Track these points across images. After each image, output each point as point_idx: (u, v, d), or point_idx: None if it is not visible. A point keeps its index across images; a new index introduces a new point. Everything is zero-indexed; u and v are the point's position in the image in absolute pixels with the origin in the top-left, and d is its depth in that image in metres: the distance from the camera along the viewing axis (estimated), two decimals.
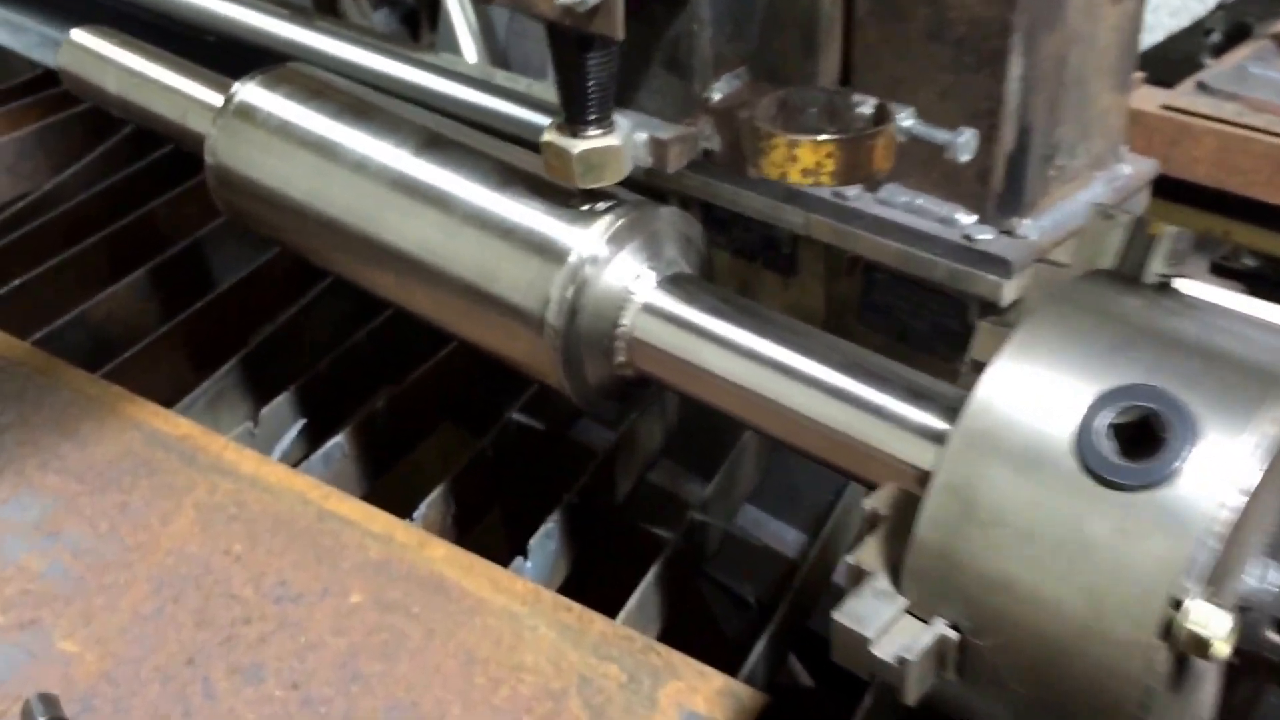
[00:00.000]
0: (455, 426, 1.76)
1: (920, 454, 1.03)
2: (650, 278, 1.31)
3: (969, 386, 0.91)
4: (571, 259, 1.27)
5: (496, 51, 2.15)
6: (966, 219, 1.30)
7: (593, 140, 1.26)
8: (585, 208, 1.31)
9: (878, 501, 1.05)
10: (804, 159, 1.20)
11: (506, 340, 1.36)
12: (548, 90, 1.54)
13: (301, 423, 1.60)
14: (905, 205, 1.33)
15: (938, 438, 1.03)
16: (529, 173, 1.31)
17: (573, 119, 1.26)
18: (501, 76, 1.62)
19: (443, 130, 1.49)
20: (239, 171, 1.57)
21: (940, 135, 1.24)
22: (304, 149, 1.49)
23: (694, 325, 1.27)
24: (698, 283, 1.32)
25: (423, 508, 1.40)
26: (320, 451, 1.48)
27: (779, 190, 1.40)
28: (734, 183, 1.40)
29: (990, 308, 1.26)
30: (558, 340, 1.28)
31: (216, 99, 1.62)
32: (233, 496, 1.29)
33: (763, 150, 1.19)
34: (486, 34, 2.16)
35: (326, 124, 1.45)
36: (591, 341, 1.30)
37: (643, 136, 1.35)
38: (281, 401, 1.57)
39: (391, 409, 1.55)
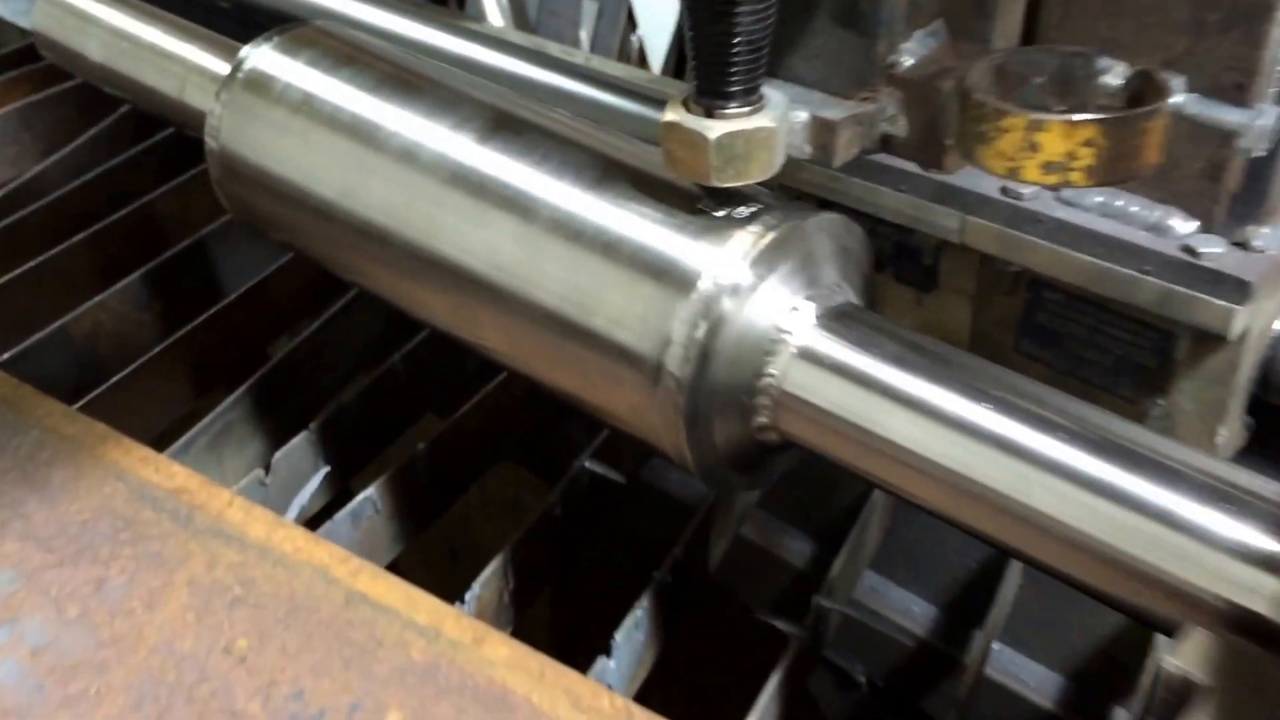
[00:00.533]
0: (514, 466, 1.50)
1: (1242, 587, 0.75)
2: (807, 312, 0.95)
3: None
4: (703, 286, 0.94)
5: (527, 29, 1.96)
6: (1185, 226, 1.07)
7: (737, 120, 0.91)
8: (720, 214, 0.94)
9: (1189, 661, 0.69)
10: (1049, 148, 0.84)
11: (605, 391, 1.02)
12: (619, 69, 1.34)
13: (324, 471, 1.36)
14: (1100, 208, 1.09)
15: (1272, 564, 0.68)
16: (637, 167, 1.04)
17: (709, 91, 0.90)
18: (556, 48, 1.43)
19: (516, 109, 1.12)
20: (249, 159, 1.24)
21: (1230, 116, 0.86)
22: (333, 131, 1.18)
23: (872, 380, 0.93)
24: (870, 318, 0.97)
25: (476, 587, 1.17)
26: (348, 508, 1.24)
27: (927, 185, 1.16)
28: (863, 173, 1.15)
29: (1207, 339, 1.05)
30: (680, 395, 0.95)
31: (222, 67, 1.28)
32: (237, 572, 1.06)
33: (985, 136, 0.83)
34: (517, 11, 1.95)
35: (363, 99, 1.18)
36: (726, 397, 0.97)
37: (801, 116, 0.98)
38: (300, 443, 1.33)
39: (435, 454, 1.31)
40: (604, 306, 0.99)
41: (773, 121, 0.93)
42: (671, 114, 0.95)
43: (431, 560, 1.54)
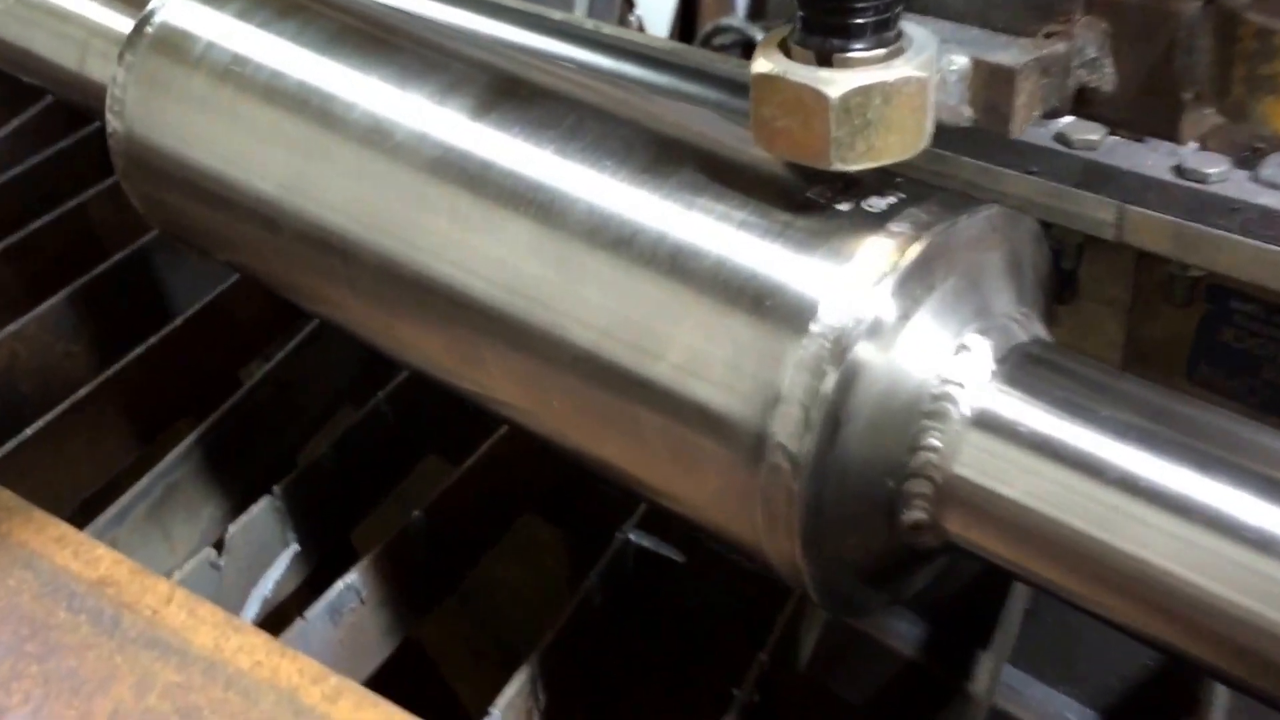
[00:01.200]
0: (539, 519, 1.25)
1: None
2: (981, 354, 0.67)
3: None
4: (826, 319, 0.65)
5: None
6: None
7: (869, 69, 0.62)
8: (844, 207, 0.63)
9: None
10: None
11: (674, 470, 0.73)
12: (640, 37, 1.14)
13: (293, 550, 1.13)
14: None
15: None
16: (710, 144, 0.75)
17: (824, 24, 0.60)
18: (558, 14, 1.19)
19: (526, 70, 0.83)
20: (161, 145, 0.96)
21: None
22: (271, 104, 0.90)
23: (1092, 460, 0.64)
24: (1071, 360, 0.69)
25: (496, 712, 0.94)
26: (325, 601, 1.01)
27: (1069, 165, 0.95)
28: (976, 149, 0.93)
29: None
30: (795, 479, 0.65)
31: (124, 24, 0.94)
32: (177, 697, 0.86)
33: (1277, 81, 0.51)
34: None
35: (313, 60, 0.89)
36: (863, 482, 0.68)
37: (959, 62, 0.65)
38: (263, 510, 1.11)
39: (436, 521, 1.08)
40: (671, 347, 0.69)
41: (921, 70, 0.62)
42: (766, 62, 0.64)
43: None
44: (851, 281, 0.65)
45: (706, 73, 1.12)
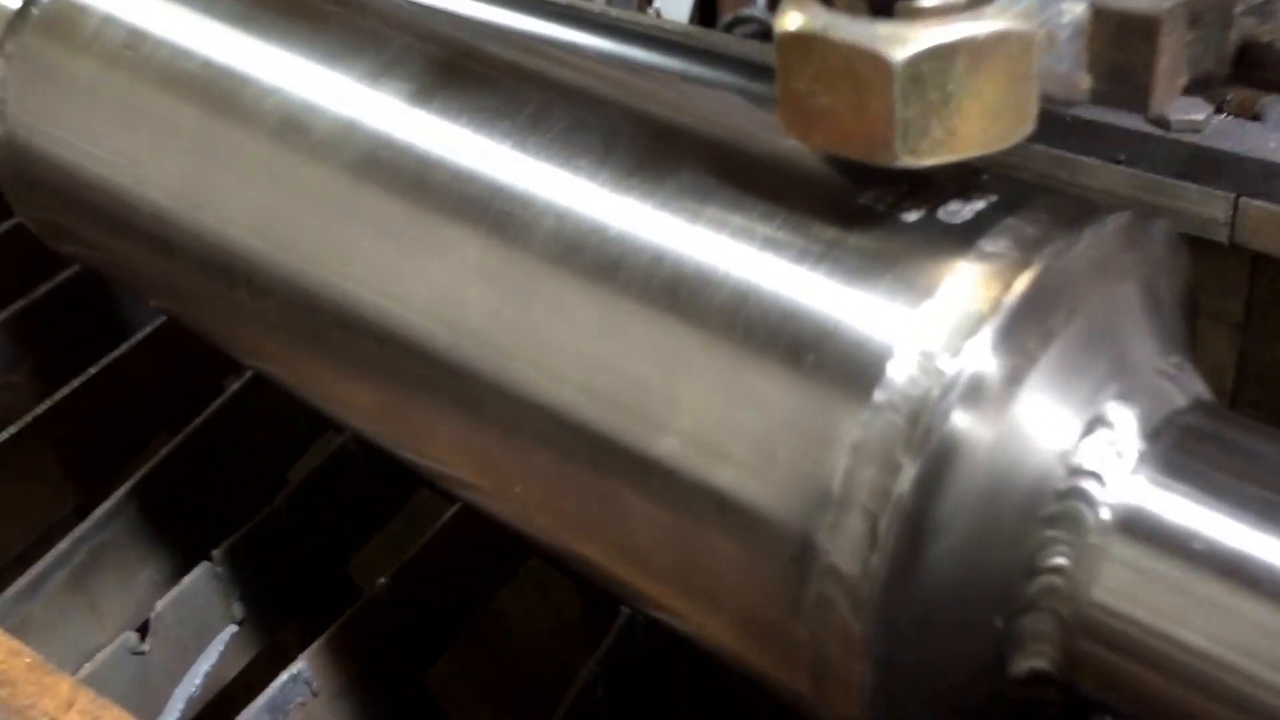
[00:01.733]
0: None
1: None
2: (1125, 428, 0.48)
3: None
4: (897, 387, 0.46)
5: None
6: None
7: (949, 22, 0.40)
8: (912, 218, 0.44)
9: None
10: None
11: (681, 588, 0.54)
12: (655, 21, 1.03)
13: (231, 630, 0.99)
14: None
15: None
16: (724, 133, 0.57)
17: None
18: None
19: (484, 43, 0.66)
20: (45, 151, 0.75)
21: None
22: (167, 92, 0.73)
23: None
24: (1254, 434, 0.50)
25: None
26: (265, 698, 0.86)
27: (1170, 152, 0.83)
28: (1050, 134, 0.81)
29: None
30: (856, 620, 0.46)
31: (11, 4, 0.76)
32: None
33: None
34: None
35: (221, 37, 0.71)
36: (954, 625, 0.48)
37: (1075, 10, 0.45)
38: (200, 578, 0.97)
39: (402, 591, 0.92)
40: (674, 414, 0.50)
41: (1022, 21, 0.42)
42: (798, 15, 0.45)
43: None
44: (934, 328, 0.45)
45: (727, 57, 0.96)
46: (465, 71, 0.63)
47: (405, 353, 0.58)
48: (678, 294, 0.51)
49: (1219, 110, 0.89)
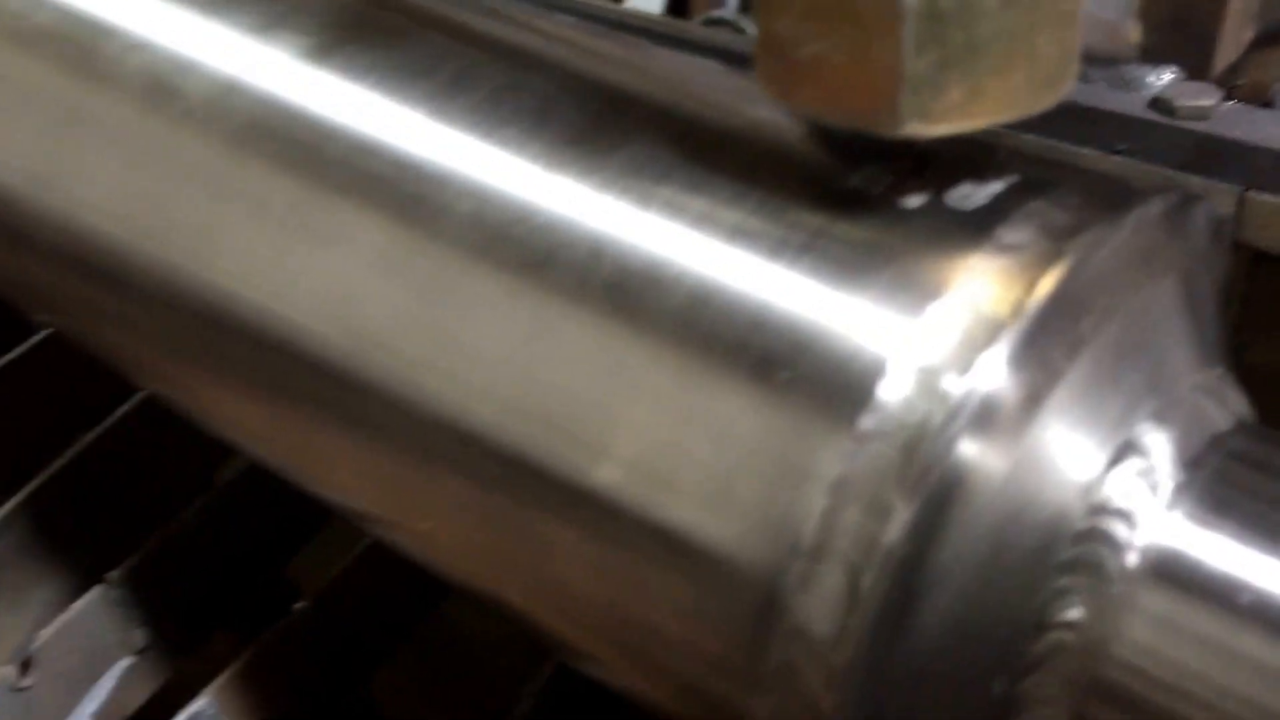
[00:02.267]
0: None
1: None
2: (1161, 456, 0.39)
3: None
4: (889, 412, 0.36)
5: None
6: None
7: None
8: (915, 202, 0.35)
9: None
10: None
11: (620, 643, 0.45)
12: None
13: (127, 662, 0.88)
14: None
15: None
16: (679, 101, 0.47)
17: None
18: None
19: None
20: None
21: None
22: (22, 50, 0.61)
23: None
24: None
25: None
26: None
27: (1172, 141, 0.74)
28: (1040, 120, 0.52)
29: None
30: (827, 692, 0.36)
31: None
32: None
33: None
34: None
35: None
36: (948, 692, 0.39)
37: None
38: (93, 603, 0.86)
39: (330, 613, 0.83)
40: (618, 439, 0.41)
41: None
42: None
43: None
44: (939, 338, 0.36)
45: (701, 46, 0.87)
46: (376, 23, 0.53)
47: (292, 362, 0.48)
48: (623, 294, 0.41)
49: (1229, 96, 0.82)
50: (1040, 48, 0.35)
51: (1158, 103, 0.73)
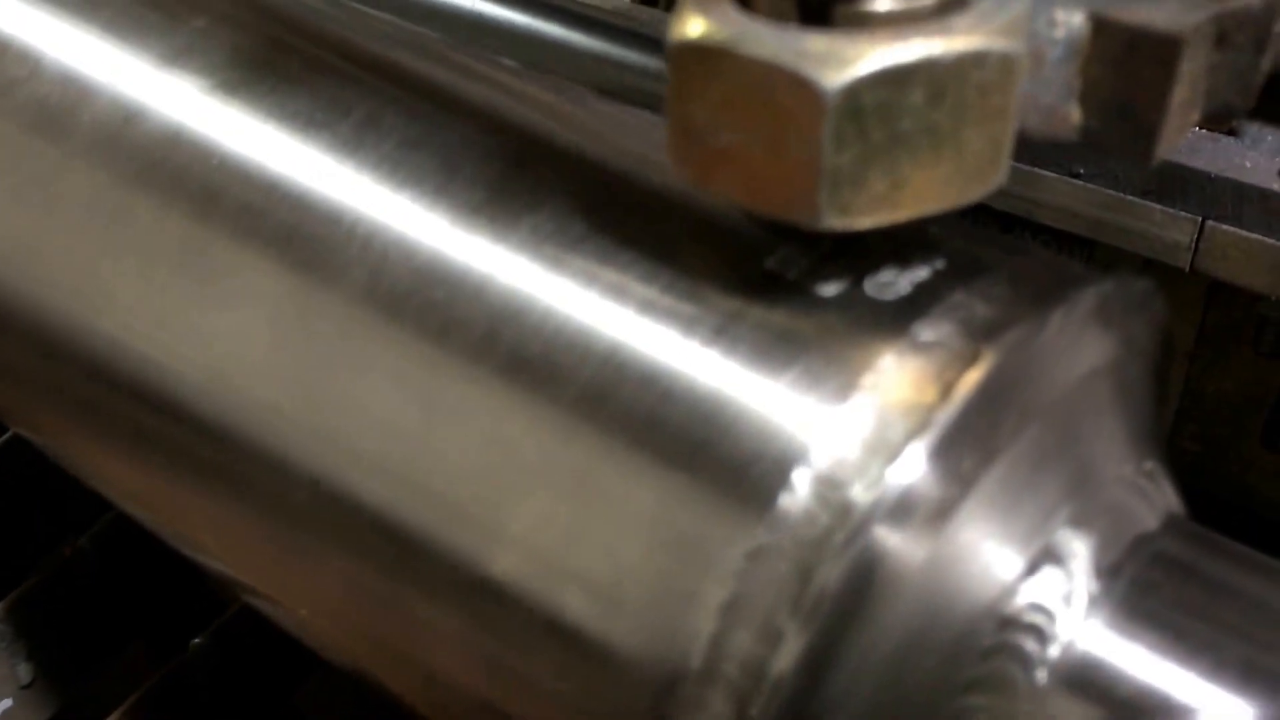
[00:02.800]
0: None
1: None
2: (1079, 563, 0.37)
3: None
4: (789, 526, 0.33)
5: None
6: None
7: (904, 37, 0.31)
8: (832, 290, 0.36)
9: None
10: None
11: None
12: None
13: (8, 701, 0.84)
14: None
15: None
16: (599, 164, 0.44)
17: None
18: None
19: (317, 24, 0.53)
20: None
21: None
22: None
23: None
24: (1240, 567, 0.39)
25: None
26: None
27: (1134, 169, 0.75)
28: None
29: None
30: None
31: None
32: None
33: None
34: None
35: None
36: None
37: (1072, 23, 0.34)
38: None
39: (231, 644, 0.78)
40: (513, 528, 0.39)
41: (1005, 37, 0.30)
42: (700, 21, 0.32)
43: None
44: (843, 447, 0.33)
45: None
46: (284, 63, 0.50)
47: (173, 423, 0.45)
48: (522, 372, 0.39)
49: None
50: (968, 142, 0.33)
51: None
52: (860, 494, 0.33)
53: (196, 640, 0.79)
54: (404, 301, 0.40)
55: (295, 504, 0.43)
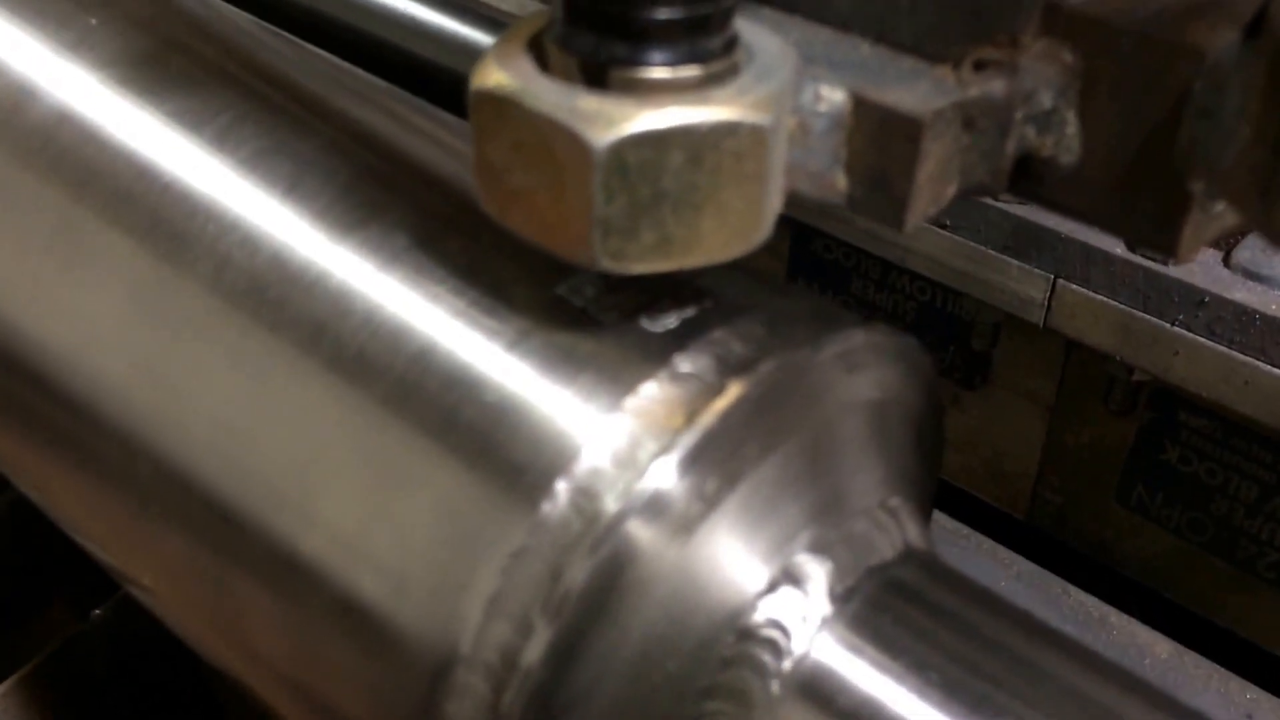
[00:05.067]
0: None
1: None
2: (815, 585, 0.42)
3: None
4: (547, 531, 0.38)
5: None
6: None
7: (671, 103, 0.35)
8: (607, 323, 0.41)
9: None
10: None
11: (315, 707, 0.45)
12: None
13: None
14: None
15: None
16: (438, 184, 0.49)
17: (597, 14, 0.35)
18: None
19: (213, 29, 0.58)
20: None
21: None
22: None
23: None
24: (964, 595, 0.44)
25: None
26: None
27: (995, 223, 0.79)
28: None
29: None
30: None
31: None
32: None
33: None
34: None
35: None
36: None
37: (835, 99, 0.38)
38: None
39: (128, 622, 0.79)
40: (322, 511, 0.42)
41: (761, 110, 0.35)
42: (497, 72, 0.36)
43: None
44: (598, 462, 0.38)
45: None
46: (173, 62, 0.53)
47: (38, 392, 0.49)
48: (343, 366, 0.43)
49: None
50: (727, 202, 0.37)
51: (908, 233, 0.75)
52: (609, 504, 0.37)
53: (97, 611, 0.81)
54: (243, 295, 0.44)
55: (140, 478, 0.47)
